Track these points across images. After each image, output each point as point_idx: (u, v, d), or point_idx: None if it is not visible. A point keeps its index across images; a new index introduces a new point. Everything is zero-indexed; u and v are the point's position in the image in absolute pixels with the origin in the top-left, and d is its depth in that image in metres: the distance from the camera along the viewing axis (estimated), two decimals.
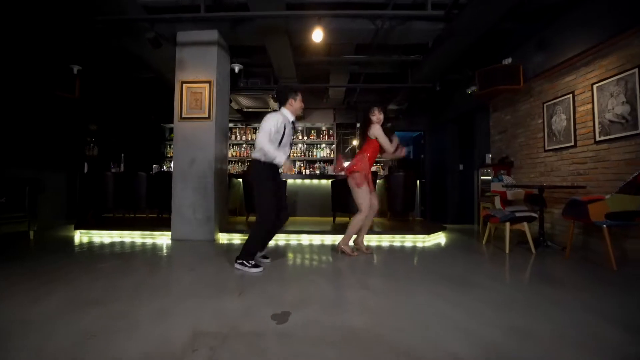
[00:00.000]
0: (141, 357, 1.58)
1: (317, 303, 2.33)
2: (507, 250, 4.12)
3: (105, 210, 6.83)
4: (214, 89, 4.97)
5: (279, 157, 3.11)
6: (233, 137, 9.52)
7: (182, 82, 4.99)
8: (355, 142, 9.35)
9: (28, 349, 1.65)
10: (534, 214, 4.23)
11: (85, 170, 6.83)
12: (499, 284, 2.86)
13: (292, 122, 3.32)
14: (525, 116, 5.64)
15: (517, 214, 4.15)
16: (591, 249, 4.19)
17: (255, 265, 3.14)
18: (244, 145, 9.51)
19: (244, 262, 3.14)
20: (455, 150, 8.34)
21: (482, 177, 6.75)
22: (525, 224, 4.18)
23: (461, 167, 8.21)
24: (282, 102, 3.29)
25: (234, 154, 9.41)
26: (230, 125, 9.53)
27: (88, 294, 2.46)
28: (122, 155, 7.66)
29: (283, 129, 3.19)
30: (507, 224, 4.18)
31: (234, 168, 9.17)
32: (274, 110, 3.28)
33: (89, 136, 7.28)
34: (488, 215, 4.49)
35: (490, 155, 6.61)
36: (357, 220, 3.85)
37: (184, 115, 4.98)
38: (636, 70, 3.62)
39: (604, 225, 3.29)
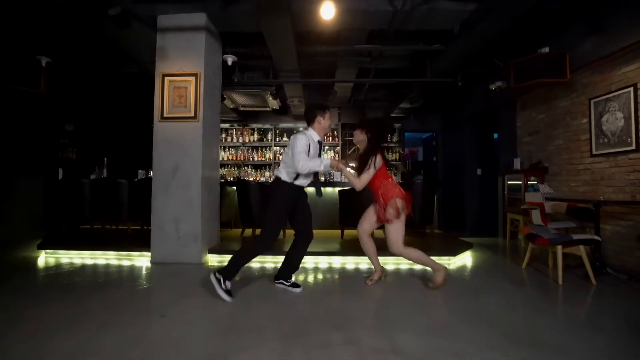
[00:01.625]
0: None
1: None
2: (560, 281, 3.32)
3: (83, 221, 6.05)
4: (200, 83, 4.18)
5: (321, 164, 2.93)
6: (229, 138, 8.73)
7: (164, 75, 4.20)
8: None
9: None
10: (596, 237, 3.43)
11: (60, 176, 6.04)
12: (575, 340, 2.06)
13: (319, 142, 3.07)
14: (565, 115, 4.85)
15: (575, 237, 3.35)
16: None
17: (229, 292, 2.79)
18: (241, 148, 8.72)
19: (222, 279, 2.80)
20: (472, 152, 7.49)
21: (509, 183, 5.97)
22: (582, 247, 3.38)
23: (479, 171, 7.39)
24: (309, 121, 3.08)
25: (230, 157, 8.62)
26: (226, 125, 8.75)
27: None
28: (105, 159, 6.89)
29: (307, 149, 2.96)
30: (559, 247, 3.38)
31: (230, 173, 8.39)
32: (300, 131, 3.10)
33: (64, 137, 6.48)
34: (532, 235, 3.69)
35: (519, 160, 5.81)
36: (416, 257, 3.13)
37: (165, 114, 4.20)
38: None
39: None
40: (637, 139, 3.75)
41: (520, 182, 5.54)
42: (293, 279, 3.23)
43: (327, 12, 3.62)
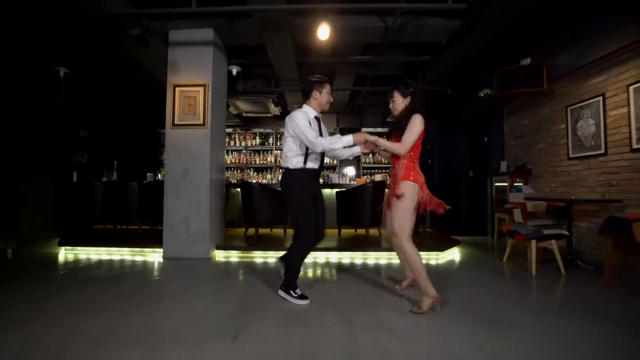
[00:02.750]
0: None
1: (328, 354, 1.91)
2: (534, 272, 3.68)
3: (95, 222, 6.42)
4: (209, 93, 4.56)
5: (339, 141, 2.69)
6: (232, 142, 9.12)
7: (175, 86, 4.58)
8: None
9: None
10: (565, 232, 3.80)
11: (75, 179, 6.42)
12: (535, 319, 2.41)
13: (316, 118, 2.84)
14: (546, 121, 5.22)
15: (546, 232, 3.72)
16: (631, 270, 3.74)
17: (302, 297, 2.75)
18: (244, 151, 9.10)
19: (290, 291, 2.77)
20: (465, 156, 7.88)
21: (496, 184, 6.33)
22: (553, 241, 3.74)
23: (471, 173, 7.77)
24: (306, 95, 2.87)
25: (233, 160, 9.01)
26: (229, 130, 9.14)
27: (44, 345, 2.03)
28: (115, 162, 7.26)
29: (316, 124, 2.83)
30: (534, 242, 3.75)
31: (232, 175, 8.75)
32: (293, 110, 2.86)
33: (79, 143, 6.86)
34: (511, 231, 4.06)
35: (505, 163, 6.18)
36: (414, 259, 2.59)
37: (176, 122, 4.57)
38: None
39: None
40: (605, 143, 4.12)
41: (506, 184, 5.90)
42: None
43: (323, 34, 4.00)
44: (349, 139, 2.69)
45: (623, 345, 2.01)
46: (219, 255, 4.59)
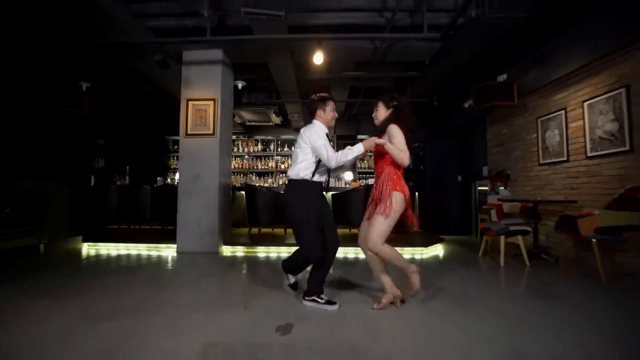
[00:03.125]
0: None
1: (319, 318, 2.45)
2: (502, 263, 4.24)
3: (110, 222, 6.96)
4: (218, 106, 5.14)
5: (351, 151, 2.67)
6: (235, 149, 9.70)
7: (188, 100, 5.16)
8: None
9: None
10: (528, 228, 4.36)
11: (92, 183, 6.99)
12: (495, 300, 2.97)
13: (327, 135, 2.82)
14: (521, 130, 5.79)
15: (512, 228, 4.28)
16: (584, 262, 4.29)
17: (329, 302, 2.69)
18: (246, 157, 9.68)
19: (315, 298, 2.71)
20: (454, 161, 8.47)
21: (479, 189, 6.89)
22: (519, 237, 4.30)
23: (460, 178, 8.34)
24: (312, 114, 2.88)
25: (237, 166, 9.58)
26: (233, 137, 9.70)
27: (99, 310, 2.58)
28: (127, 167, 7.84)
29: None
30: (502, 237, 4.31)
31: (236, 179, 9.33)
32: (310, 124, 2.87)
33: (96, 150, 7.45)
34: (485, 228, 4.62)
35: (487, 168, 6.75)
36: (391, 255, 2.62)
37: (189, 132, 5.15)
38: (623, 90, 3.77)
39: (593, 240, 3.42)
40: (567, 151, 4.68)
41: (487, 188, 6.46)
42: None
43: (318, 60, 4.58)
44: (359, 148, 2.67)
45: (562, 318, 2.50)
46: (227, 250, 5.14)
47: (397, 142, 2.55)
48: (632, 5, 3.59)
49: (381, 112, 2.84)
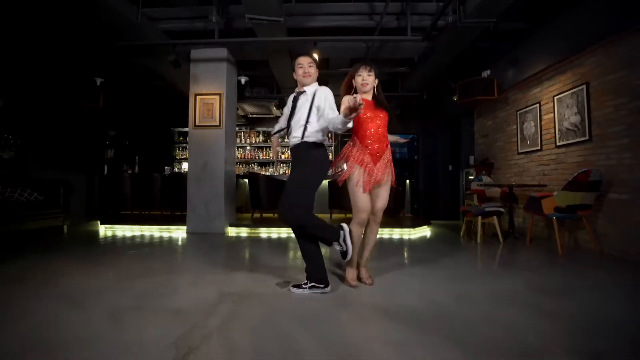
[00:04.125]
0: (187, 306, 2.23)
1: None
2: (479, 241, 4.76)
3: (123, 208, 7.50)
4: (223, 100, 5.63)
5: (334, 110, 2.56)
6: (238, 140, 10.18)
7: (196, 94, 5.65)
8: None
9: (102, 306, 2.29)
10: (501, 209, 4.87)
11: (105, 172, 7.51)
12: (460, 264, 3.50)
13: (300, 93, 2.76)
14: (503, 122, 6.28)
15: (487, 209, 4.79)
16: (551, 239, 4.81)
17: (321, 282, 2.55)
18: (248, 148, 10.18)
19: (312, 284, 2.54)
20: (445, 152, 8.99)
21: (468, 177, 7.39)
22: (495, 217, 4.82)
23: (451, 167, 8.85)
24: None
25: (239, 156, 10.08)
26: (236, 129, 10.19)
27: (132, 272, 3.11)
28: (137, 157, 8.36)
29: (291, 103, 2.82)
30: (479, 217, 4.82)
31: (239, 169, 9.84)
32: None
33: (108, 140, 7.96)
34: (465, 211, 5.13)
35: (473, 157, 7.24)
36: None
37: (197, 124, 5.64)
38: (584, 86, 4.25)
39: (553, 217, 3.94)
40: (541, 141, 5.17)
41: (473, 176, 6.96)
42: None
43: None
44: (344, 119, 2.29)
45: (497, 273, 3.07)
46: (232, 231, 5.67)
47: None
48: (585, 14, 4.10)
49: (372, 79, 2.77)
